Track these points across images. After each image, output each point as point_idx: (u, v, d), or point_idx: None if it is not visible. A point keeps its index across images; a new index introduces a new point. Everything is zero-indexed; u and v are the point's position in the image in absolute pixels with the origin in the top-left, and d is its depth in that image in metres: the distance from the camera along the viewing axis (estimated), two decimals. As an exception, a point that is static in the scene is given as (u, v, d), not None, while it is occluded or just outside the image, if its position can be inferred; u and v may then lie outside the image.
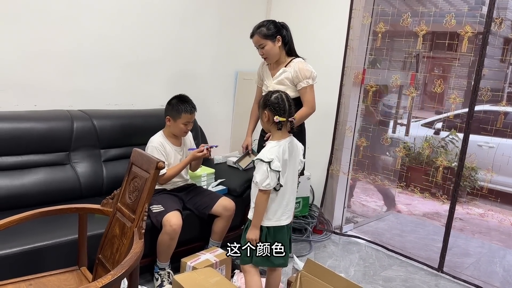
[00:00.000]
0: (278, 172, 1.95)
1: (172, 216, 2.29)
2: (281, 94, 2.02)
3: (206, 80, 3.51)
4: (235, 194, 2.87)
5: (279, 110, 1.98)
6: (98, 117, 2.75)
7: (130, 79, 3.05)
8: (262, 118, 2.05)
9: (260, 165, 1.95)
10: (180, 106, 2.45)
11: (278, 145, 1.99)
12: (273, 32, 2.53)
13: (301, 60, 2.59)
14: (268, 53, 2.56)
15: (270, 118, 1.99)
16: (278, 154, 1.96)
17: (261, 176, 1.93)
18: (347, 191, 3.48)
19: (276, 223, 2.03)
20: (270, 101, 1.99)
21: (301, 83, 2.53)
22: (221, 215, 2.56)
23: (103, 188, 2.67)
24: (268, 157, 1.94)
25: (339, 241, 3.35)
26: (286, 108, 2.00)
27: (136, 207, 1.53)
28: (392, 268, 2.97)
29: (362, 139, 3.29)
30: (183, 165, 2.50)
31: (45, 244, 1.96)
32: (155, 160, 1.52)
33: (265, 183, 1.92)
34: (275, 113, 1.98)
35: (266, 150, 1.98)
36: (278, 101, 1.99)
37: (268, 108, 1.99)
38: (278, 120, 1.97)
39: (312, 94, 2.56)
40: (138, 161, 1.63)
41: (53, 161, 2.53)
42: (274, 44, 2.54)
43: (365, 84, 3.28)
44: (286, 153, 2.01)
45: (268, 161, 1.92)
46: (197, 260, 2.37)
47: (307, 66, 2.55)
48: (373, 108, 3.85)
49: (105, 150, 2.75)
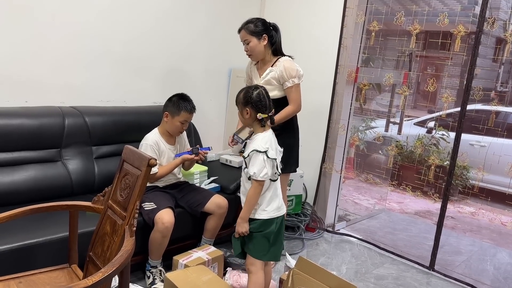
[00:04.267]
0: (274, 160, 1.96)
1: (164, 213, 2.28)
2: (261, 91, 2.03)
3: (199, 77, 3.49)
4: (228, 192, 2.86)
5: (261, 107, 2.00)
6: (90, 114, 2.72)
7: (122, 76, 3.03)
8: (243, 114, 2.05)
9: (256, 155, 1.94)
10: (181, 104, 2.45)
11: (267, 136, 2.01)
12: (260, 30, 2.51)
13: (287, 59, 2.55)
14: (252, 50, 2.54)
15: (253, 115, 2.01)
16: (271, 144, 1.98)
17: (258, 166, 1.92)
18: (339, 190, 3.49)
19: (280, 212, 2.04)
20: (252, 98, 2.00)
21: (286, 82, 2.50)
22: (214, 213, 2.55)
23: (95, 185, 2.65)
24: (263, 147, 1.94)
25: (331, 239, 3.36)
26: (267, 104, 2.02)
27: (128, 204, 1.52)
28: (384, 266, 2.98)
29: (355, 137, 3.30)
30: (174, 166, 2.48)
31: (36, 241, 1.94)
32: (146, 157, 1.51)
33: (263, 173, 1.92)
34: (258, 110, 1.99)
35: (259, 141, 1.98)
36: (260, 98, 2.00)
37: (251, 106, 2.00)
38: (261, 118, 2.00)
39: (298, 93, 2.54)
40: (129, 158, 1.61)
41: (44, 158, 2.50)
42: (259, 42, 2.52)
43: (358, 83, 3.29)
44: (274, 141, 2.04)
45: (264, 150, 1.93)
46: (189, 258, 2.36)
47: (292, 65, 2.51)
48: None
49: (96, 147, 2.73)
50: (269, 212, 2.02)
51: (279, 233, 2.06)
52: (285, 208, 2.10)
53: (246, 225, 1.98)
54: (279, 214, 2.05)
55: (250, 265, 2.04)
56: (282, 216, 2.07)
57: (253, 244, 2.02)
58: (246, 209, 1.98)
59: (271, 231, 2.02)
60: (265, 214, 2.02)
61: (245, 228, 1.98)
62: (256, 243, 2.02)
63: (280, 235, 2.07)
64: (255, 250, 2.02)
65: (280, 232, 2.07)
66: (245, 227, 1.98)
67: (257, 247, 2.02)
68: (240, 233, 1.99)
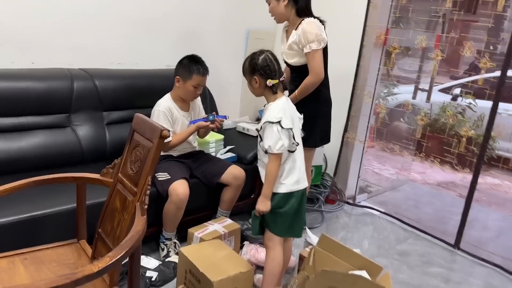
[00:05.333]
0: (290, 129, 1.80)
1: (178, 185, 2.15)
2: (267, 55, 1.86)
3: (215, 39, 3.28)
4: (245, 162, 2.72)
5: (270, 73, 1.83)
6: (100, 77, 2.56)
7: (134, 37, 2.84)
8: (252, 84, 1.89)
9: (269, 127, 1.79)
10: (192, 66, 2.26)
11: (280, 103, 1.85)
12: None
13: (310, 21, 2.28)
14: (272, 11, 2.34)
15: (262, 83, 1.85)
16: (284, 112, 1.82)
17: (273, 138, 1.77)
18: (362, 160, 3.32)
19: (300, 186, 1.89)
20: (258, 65, 1.83)
21: (304, 48, 2.26)
22: (230, 184, 2.41)
23: (106, 152, 2.53)
24: (276, 117, 1.78)
25: (352, 212, 3.22)
26: (276, 68, 1.86)
27: (138, 179, 1.37)
28: (408, 242, 2.84)
29: (381, 105, 3.09)
30: (188, 133, 2.33)
31: (42, 213, 1.84)
32: (159, 128, 1.35)
33: (278, 145, 1.77)
34: (266, 77, 1.83)
35: (272, 110, 1.82)
36: (267, 63, 1.83)
37: (258, 73, 1.84)
38: (271, 84, 1.84)
39: (316, 60, 2.27)
40: (140, 128, 1.46)
41: (53, 123, 2.37)
42: (278, 2, 2.30)
43: (387, 45, 3.03)
44: (289, 109, 1.88)
45: (278, 121, 1.77)
46: (204, 230, 2.25)
47: (312, 27, 2.24)
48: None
49: (107, 112, 2.58)
50: (288, 186, 1.87)
51: (300, 208, 1.91)
52: (306, 182, 1.94)
53: (268, 203, 1.83)
54: (299, 187, 1.89)
55: (268, 240, 1.92)
56: (303, 190, 1.91)
57: (272, 220, 1.88)
58: (267, 186, 1.82)
59: (291, 206, 1.87)
60: (284, 188, 1.87)
61: (267, 207, 1.82)
62: (275, 218, 1.87)
63: (301, 210, 1.92)
64: (274, 226, 1.89)
65: (301, 207, 1.92)
66: (267, 205, 1.82)
67: (276, 223, 1.88)
68: (261, 212, 1.84)
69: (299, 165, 1.90)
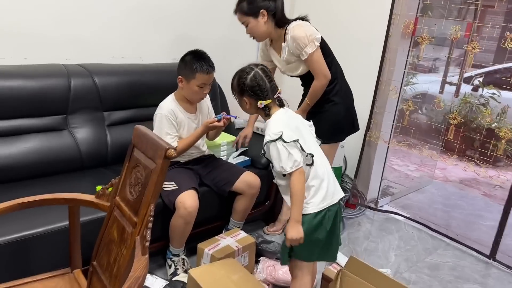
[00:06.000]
0: (296, 141, 1.56)
1: (187, 196, 1.92)
2: (257, 72, 1.64)
3: (226, 29, 3.01)
4: (260, 166, 2.47)
5: (260, 93, 1.62)
6: (100, 73, 2.32)
7: (138, 28, 2.58)
8: (242, 104, 1.69)
9: (273, 146, 1.57)
10: (194, 64, 2.00)
11: (277, 117, 1.64)
12: (255, 6, 2.04)
13: (293, 26, 2.07)
14: (253, 31, 2.11)
15: (252, 104, 1.65)
16: (284, 124, 1.60)
17: (282, 157, 1.54)
18: (386, 162, 3.06)
19: (332, 200, 1.64)
20: (247, 85, 1.62)
21: (301, 56, 2.08)
22: (244, 192, 2.18)
23: (108, 157, 2.30)
24: (275, 132, 1.56)
25: (374, 217, 2.97)
26: (267, 87, 1.64)
27: (139, 207, 1.14)
28: (438, 253, 2.60)
29: (408, 102, 2.81)
30: (196, 137, 2.08)
31: (31, 233, 1.59)
32: (163, 146, 1.11)
33: (291, 162, 1.53)
34: (257, 98, 1.62)
35: (270, 126, 1.61)
36: (257, 82, 1.62)
37: (247, 94, 1.63)
38: (263, 105, 1.63)
39: (318, 62, 2.08)
40: (141, 144, 1.22)
41: (48, 126, 2.14)
42: (257, 20, 2.06)
43: (416, 36, 2.75)
44: (290, 119, 1.66)
45: (279, 136, 1.55)
46: (216, 246, 2.02)
47: (300, 30, 2.04)
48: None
49: (109, 112, 2.35)
50: (317, 203, 1.61)
51: (335, 227, 1.66)
52: (340, 193, 1.69)
53: (300, 229, 1.56)
54: (331, 202, 1.63)
55: (296, 269, 1.67)
56: (337, 204, 1.66)
57: (302, 246, 1.62)
58: (295, 208, 1.56)
59: (324, 227, 1.61)
60: (312, 207, 1.61)
61: (299, 233, 1.55)
62: (306, 244, 1.61)
63: (335, 229, 1.66)
64: (304, 252, 1.63)
65: (336, 226, 1.67)
66: (299, 231, 1.55)
67: (307, 248, 1.61)
68: (294, 240, 1.56)
69: (325, 177, 1.64)
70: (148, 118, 2.42)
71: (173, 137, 2.03)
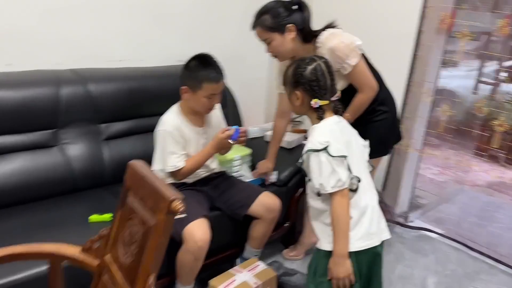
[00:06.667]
0: (343, 158, 1.29)
1: (197, 227, 1.62)
2: (319, 65, 1.36)
3: (237, 25, 2.70)
4: (278, 183, 2.17)
5: (318, 90, 1.35)
6: (95, 79, 2.04)
7: (139, 27, 2.29)
8: (292, 99, 1.40)
9: (314, 157, 1.30)
10: (200, 72, 1.69)
11: (328, 124, 1.36)
12: (282, 18, 1.73)
13: (326, 38, 1.73)
14: (277, 50, 1.78)
15: (305, 100, 1.36)
16: (333, 135, 1.33)
17: (324, 172, 1.27)
18: (417, 173, 2.74)
19: (373, 241, 1.36)
20: (304, 76, 1.35)
21: (343, 70, 1.74)
22: (262, 217, 1.88)
23: (105, 176, 2.01)
24: (321, 142, 1.30)
25: (404, 235, 2.65)
26: (328, 85, 1.36)
27: (135, 275, 0.84)
28: (481, 278, 2.28)
29: (444, 106, 2.49)
30: (206, 156, 1.78)
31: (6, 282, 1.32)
32: (167, 197, 0.81)
33: (334, 181, 1.27)
34: (312, 94, 1.34)
35: (315, 134, 1.34)
36: (317, 76, 1.34)
37: (302, 88, 1.35)
38: (318, 105, 1.35)
39: (363, 73, 1.76)
40: (137, 189, 0.92)
41: (35, 143, 1.86)
42: (283, 36, 1.74)
43: (453, 31, 2.42)
44: (343, 131, 1.39)
45: (324, 147, 1.28)
46: (230, 283, 1.73)
47: (336, 42, 1.70)
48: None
49: (106, 124, 2.06)
50: (353, 241, 1.33)
51: (372, 274, 1.38)
52: (383, 232, 1.40)
53: (348, 263, 1.30)
54: (371, 244, 1.35)
55: None
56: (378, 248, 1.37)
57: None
58: (340, 238, 1.30)
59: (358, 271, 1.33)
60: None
61: (347, 269, 1.29)
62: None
63: (373, 278, 1.39)
64: None
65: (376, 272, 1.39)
66: (347, 266, 1.30)
67: None
68: (342, 279, 1.29)
69: (368, 210, 1.36)
70: (151, 130, 2.12)
71: (179, 156, 1.73)
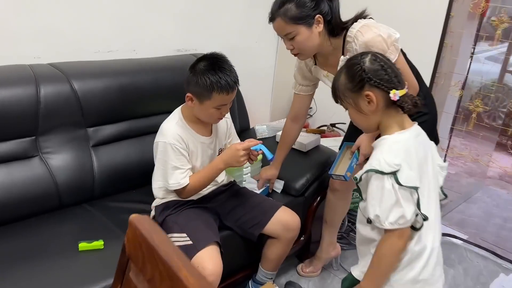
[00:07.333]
0: (415, 189, 1.04)
1: (207, 257, 1.36)
2: (376, 55, 1.12)
3: (240, 15, 2.39)
4: (293, 192, 1.91)
5: (389, 79, 1.10)
6: (80, 75, 1.73)
7: (130, 12, 1.98)
8: (361, 107, 1.12)
9: (377, 181, 1.06)
10: (210, 79, 1.37)
11: (402, 139, 1.10)
12: (310, 8, 1.41)
13: (358, 30, 1.42)
14: (302, 45, 1.46)
15: (381, 99, 1.10)
16: (408, 156, 1.07)
17: (385, 202, 1.03)
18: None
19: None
20: (368, 70, 1.10)
21: None
22: (279, 236, 1.63)
23: (94, 188, 1.73)
24: (391, 163, 1.04)
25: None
26: (396, 71, 1.13)
27: None
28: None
29: (476, 101, 2.23)
30: (215, 171, 1.50)
31: None
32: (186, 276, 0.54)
33: (395, 216, 1.03)
34: (388, 86, 1.09)
35: (386, 151, 1.08)
36: (382, 64, 1.11)
37: (371, 84, 1.09)
38: (398, 97, 1.09)
39: (404, 69, 1.40)
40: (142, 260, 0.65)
41: (11, 154, 1.56)
42: (310, 29, 1.43)
43: (488, 17, 2.15)
44: (418, 151, 1.11)
45: (394, 171, 1.03)
46: (246, 317, 1.49)
47: (371, 34, 1.39)
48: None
49: (94, 128, 1.76)
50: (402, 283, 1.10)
51: None
52: (438, 282, 1.16)
53: None
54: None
55: None
56: None
57: None
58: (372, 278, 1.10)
59: None
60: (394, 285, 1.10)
61: None
62: None
63: None
64: None
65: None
66: None
67: None
68: None
69: (425, 253, 1.11)
70: (147, 132, 1.88)
71: (184, 172, 1.46)
